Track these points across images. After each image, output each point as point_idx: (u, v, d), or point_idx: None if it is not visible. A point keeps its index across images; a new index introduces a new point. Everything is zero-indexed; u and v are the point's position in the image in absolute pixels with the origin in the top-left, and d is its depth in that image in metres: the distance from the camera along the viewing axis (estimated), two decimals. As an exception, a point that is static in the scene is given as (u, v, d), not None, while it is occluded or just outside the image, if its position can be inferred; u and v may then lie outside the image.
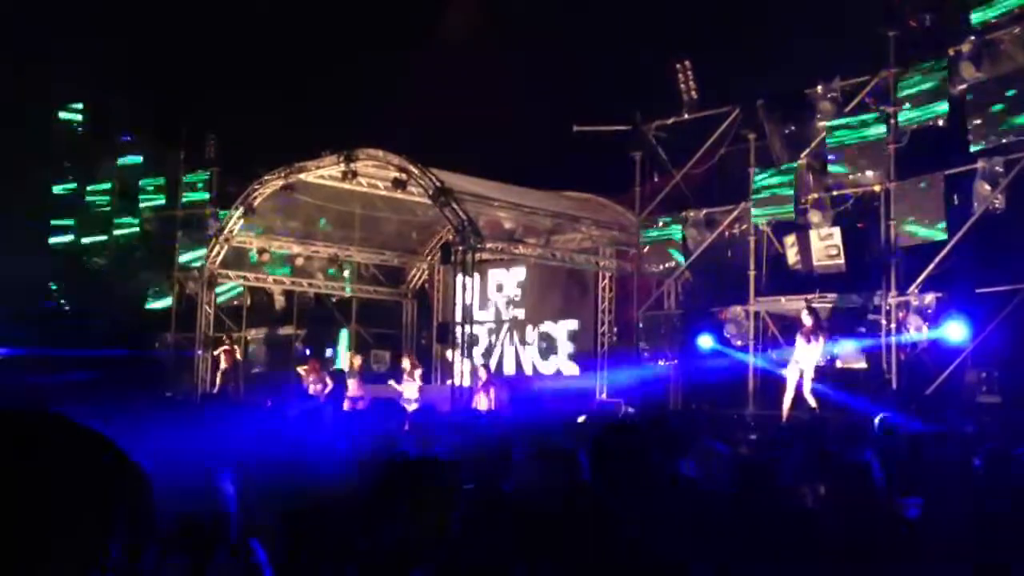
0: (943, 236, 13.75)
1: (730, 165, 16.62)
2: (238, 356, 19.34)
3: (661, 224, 17.56)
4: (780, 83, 15.77)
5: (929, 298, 13.84)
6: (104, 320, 21.01)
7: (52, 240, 23.09)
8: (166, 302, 21.59)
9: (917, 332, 13.98)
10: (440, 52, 20.71)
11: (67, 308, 23.08)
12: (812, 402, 13.64)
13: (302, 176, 17.93)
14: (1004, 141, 13.17)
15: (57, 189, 23.30)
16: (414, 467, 3.22)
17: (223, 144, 21.25)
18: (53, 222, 23.00)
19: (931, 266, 13.79)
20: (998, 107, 13.14)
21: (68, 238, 23.04)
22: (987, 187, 13.34)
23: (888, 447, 5.11)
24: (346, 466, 4.69)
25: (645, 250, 17.80)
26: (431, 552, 2.89)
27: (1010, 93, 13.03)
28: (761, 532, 3.42)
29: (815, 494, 3.59)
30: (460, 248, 16.12)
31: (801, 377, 13.74)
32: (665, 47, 17.68)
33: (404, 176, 16.49)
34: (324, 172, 17.64)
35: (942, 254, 13.70)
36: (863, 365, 14.61)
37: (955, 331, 13.28)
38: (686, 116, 17.48)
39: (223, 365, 18.95)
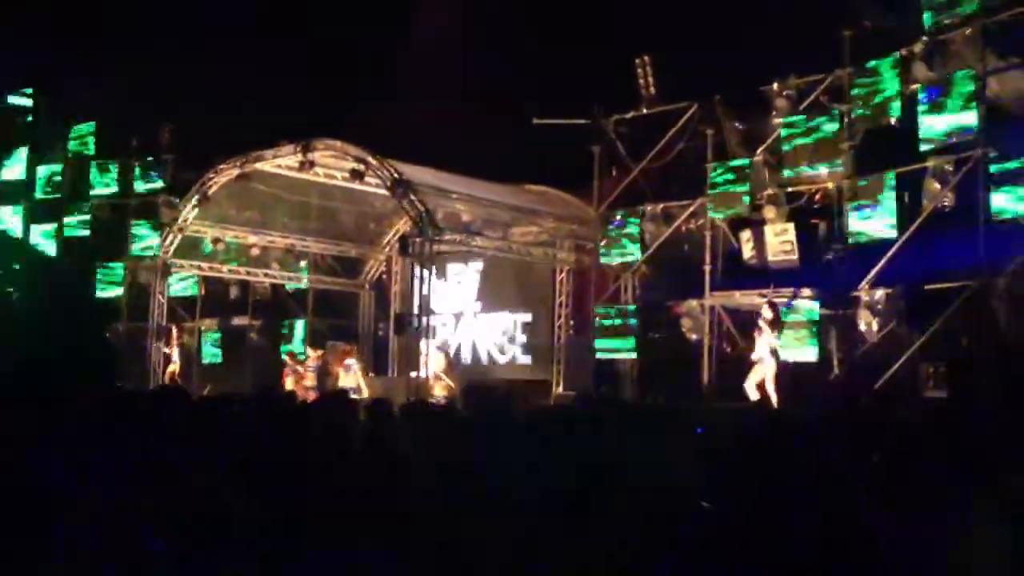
0: (894, 233, 14.00)
1: (687, 160, 16.76)
2: (175, 349, 19.21)
3: (619, 218, 17.66)
4: (737, 80, 15.94)
5: (879, 294, 14.09)
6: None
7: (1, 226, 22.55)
8: (117, 291, 21.21)
9: (867, 327, 14.23)
10: (400, 44, 20.65)
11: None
12: (753, 395, 13.66)
13: (258, 165, 17.75)
14: (953, 140, 13.44)
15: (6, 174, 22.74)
16: None
17: (179, 132, 20.90)
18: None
19: (882, 262, 14.03)
20: (948, 107, 13.41)
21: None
22: (937, 185, 13.61)
23: None
24: None
25: (603, 243, 17.89)
26: None
27: (959, 93, 13.29)
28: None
29: None
30: (418, 240, 16.08)
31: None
32: (625, 42, 17.78)
33: (362, 167, 16.41)
34: (281, 162, 17.48)
35: (892, 251, 13.95)
36: (813, 359, 14.82)
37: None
38: (644, 111, 17.61)
39: (175, 362, 18.79)
